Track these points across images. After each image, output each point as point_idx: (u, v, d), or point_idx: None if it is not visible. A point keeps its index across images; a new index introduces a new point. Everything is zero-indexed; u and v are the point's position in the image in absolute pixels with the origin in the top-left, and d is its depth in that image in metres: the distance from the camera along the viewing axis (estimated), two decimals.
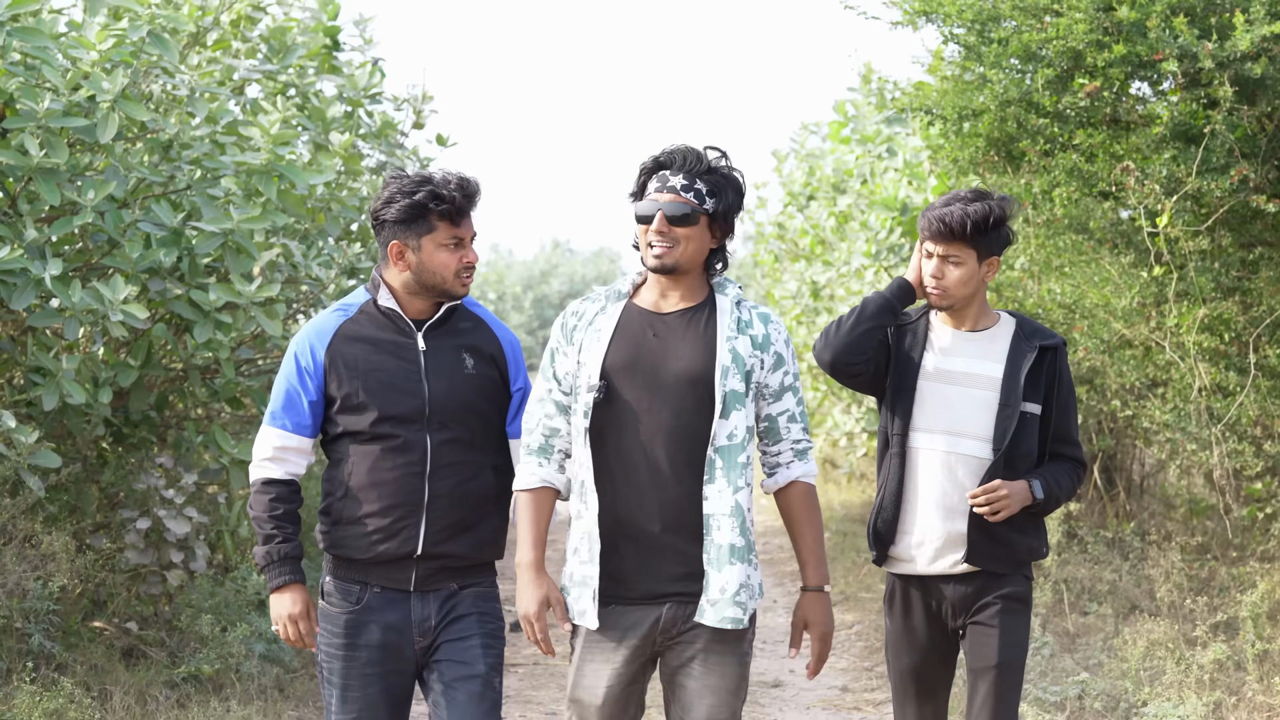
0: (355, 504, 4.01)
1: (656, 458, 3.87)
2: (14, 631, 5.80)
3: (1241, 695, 6.07)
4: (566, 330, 4.06)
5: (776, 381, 4.02)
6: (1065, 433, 4.37)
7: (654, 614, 3.90)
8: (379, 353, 4.07)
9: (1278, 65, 6.70)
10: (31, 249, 6.28)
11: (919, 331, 4.40)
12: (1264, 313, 7.42)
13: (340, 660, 4.02)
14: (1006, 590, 4.28)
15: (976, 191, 4.32)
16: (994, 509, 4.17)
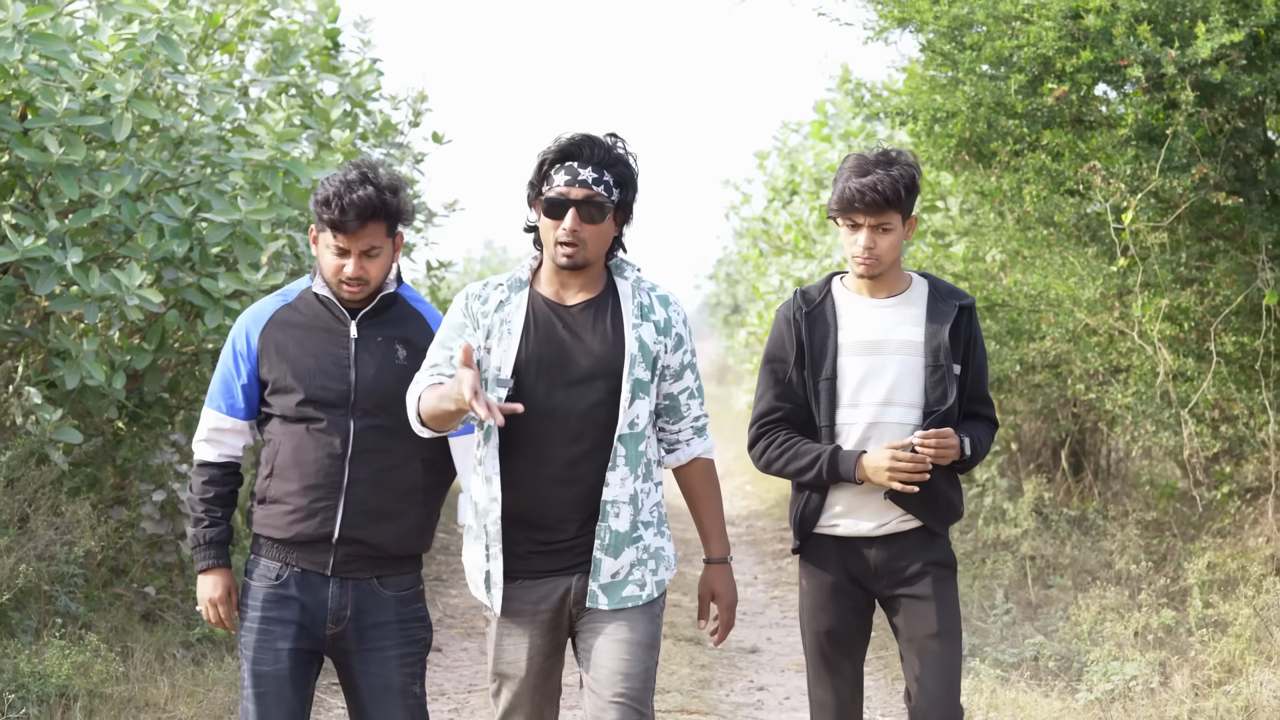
0: (278, 483, 4.03)
1: (564, 451, 3.85)
2: (42, 594, 6.15)
3: (1185, 655, 6.46)
4: (471, 313, 3.96)
5: (677, 362, 4.00)
6: (980, 392, 4.35)
7: (564, 584, 3.90)
8: (310, 338, 4.08)
9: (1236, 70, 7.07)
10: (53, 239, 6.61)
11: (827, 311, 4.32)
12: (1221, 303, 7.80)
13: (255, 634, 4.02)
14: (933, 557, 4.25)
15: (884, 154, 4.28)
16: (939, 455, 4.13)
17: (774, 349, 4.36)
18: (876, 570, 4.25)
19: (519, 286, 3.97)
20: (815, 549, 4.30)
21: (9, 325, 6.85)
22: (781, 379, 4.31)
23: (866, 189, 4.17)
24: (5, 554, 5.92)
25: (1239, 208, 7.56)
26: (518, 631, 3.91)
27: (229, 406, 4.12)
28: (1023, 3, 7.20)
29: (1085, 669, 6.46)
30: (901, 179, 4.21)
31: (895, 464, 4.12)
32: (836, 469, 4.19)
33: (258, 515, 4.09)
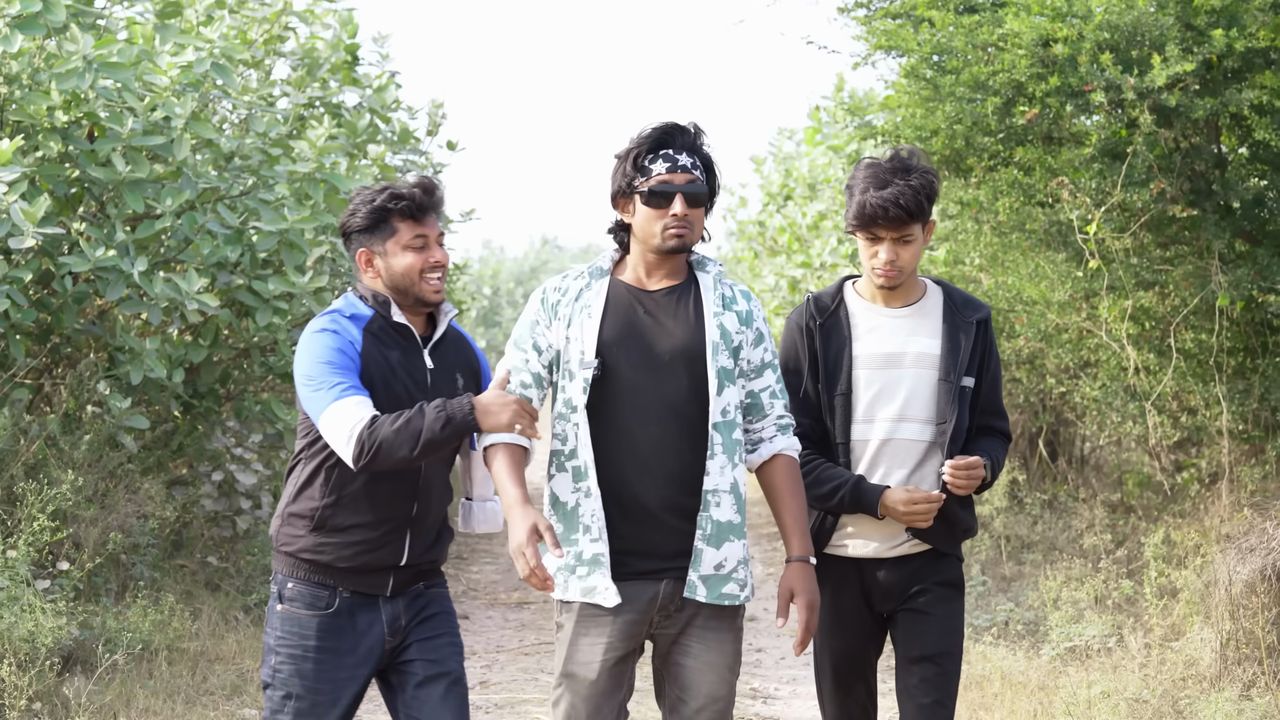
0: (346, 514, 3.89)
1: (653, 435, 3.81)
2: (120, 561, 6.91)
3: (1140, 619, 7.21)
4: (549, 305, 3.94)
5: (758, 358, 3.96)
6: (994, 405, 4.27)
7: (651, 589, 3.83)
8: (398, 368, 3.96)
9: (1190, 95, 7.81)
10: (120, 249, 7.34)
11: (841, 321, 4.23)
12: (1180, 304, 8.55)
13: (311, 664, 3.88)
14: (943, 576, 4.19)
15: (899, 162, 4.14)
16: (967, 486, 4.07)
17: (787, 359, 4.25)
18: (886, 590, 4.18)
19: (600, 274, 3.95)
20: (826, 569, 4.16)
21: (80, 325, 7.58)
22: (796, 391, 4.19)
23: (889, 204, 4.04)
24: (92, 525, 6.67)
25: (1194, 218, 8.30)
26: (596, 630, 3.82)
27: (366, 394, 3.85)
28: (998, 32, 7.93)
29: (1049, 631, 7.22)
30: (923, 189, 4.10)
31: (912, 512, 4.08)
32: (859, 502, 4.11)
33: (309, 540, 3.91)
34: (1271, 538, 6.51)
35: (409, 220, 3.97)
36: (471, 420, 3.78)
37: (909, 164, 4.13)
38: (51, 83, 7.18)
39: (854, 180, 4.16)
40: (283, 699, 3.90)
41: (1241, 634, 6.35)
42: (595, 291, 3.92)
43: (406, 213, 3.97)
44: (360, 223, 3.99)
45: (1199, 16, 7.71)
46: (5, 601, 5.61)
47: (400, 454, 3.76)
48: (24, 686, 5.22)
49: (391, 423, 3.77)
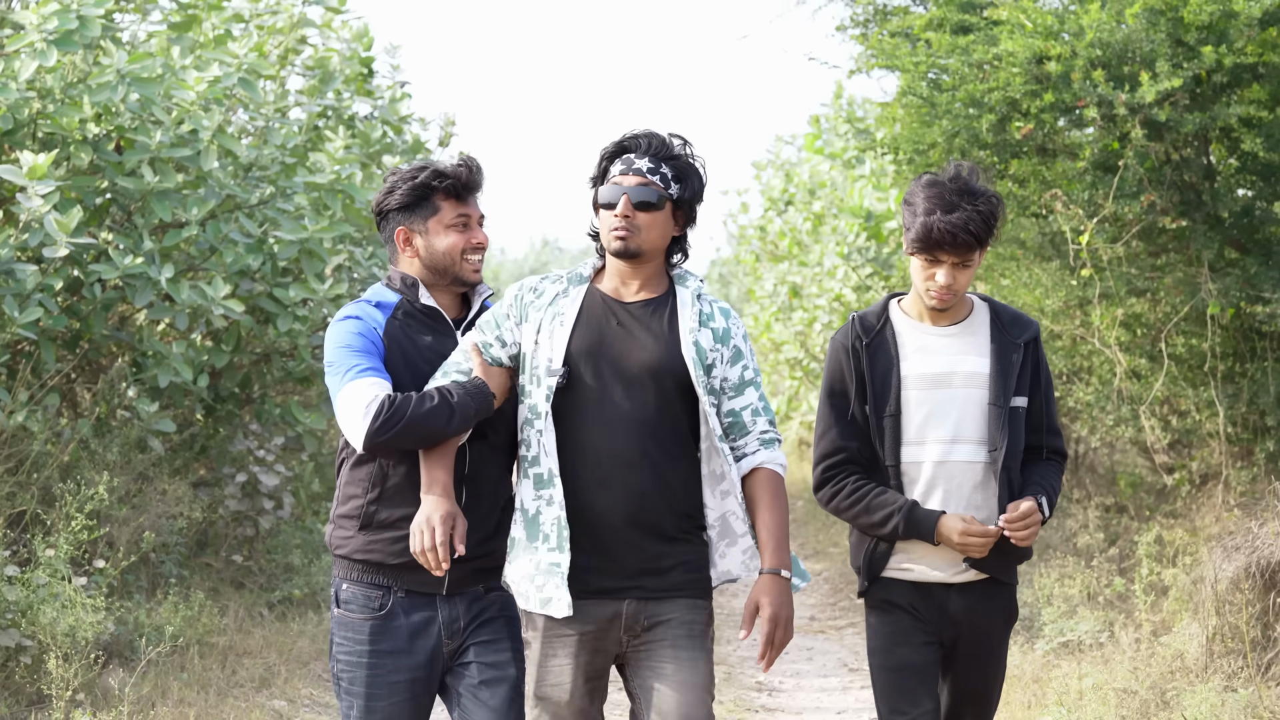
0: (390, 508, 3.84)
1: (618, 449, 3.75)
2: (149, 560, 7.20)
3: (1131, 615, 7.50)
4: (521, 304, 3.88)
5: (736, 375, 3.89)
6: (1049, 423, 4.17)
7: (613, 608, 3.78)
8: (428, 352, 3.91)
9: (1179, 110, 8.09)
10: (148, 257, 7.61)
11: (888, 341, 4.14)
12: (1170, 311, 8.84)
13: (365, 669, 3.83)
14: (1003, 611, 4.15)
15: (963, 183, 4.03)
16: (1028, 535, 3.98)
17: (834, 381, 4.16)
18: (952, 619, 4.09)
19: (579, 281, 3.91)
20: (884, 589, 4.12)
21: (107, 331, 7.85)
22: (844, 414, 4.11)
23: (958, 230, 3.94)
24: (124, 524, 6.95)
25: (1184, 228, 8.58)
26: (563, 650, 3.78)
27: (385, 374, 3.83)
28: (993, 51, 8.21)
29: (1043, 626, 7.50)
30: (991, 215, 4.01)
31: (967, 543, 3.99)
32: (913, 529, 4.02)
33: (359, 541, 3.87)
34: (1256, 536, 6.79)
35: (452, 199, 3.91)
36: (491, 402, 3.81)
37: (973, 186, 4.00)
38: (84, 96, 7.45)
39: (914, 198, 4.05)
40: (348, 707, 3.85)
41: (1227, 628, 6.63)
42: (571, 299, 3.87)
43: (450, 191, 3.91)
44: (400, 200, 3.91)
45: (1189, 33, 7.99)
46: (47, 598, 5.88)
47: (431, 432, 3.72)
48: (69, 678, 5.50)
49: (418, 404, 3.72)
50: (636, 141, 3.87)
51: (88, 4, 7.41)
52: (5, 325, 6.99)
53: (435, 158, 12.10)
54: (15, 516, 6.68)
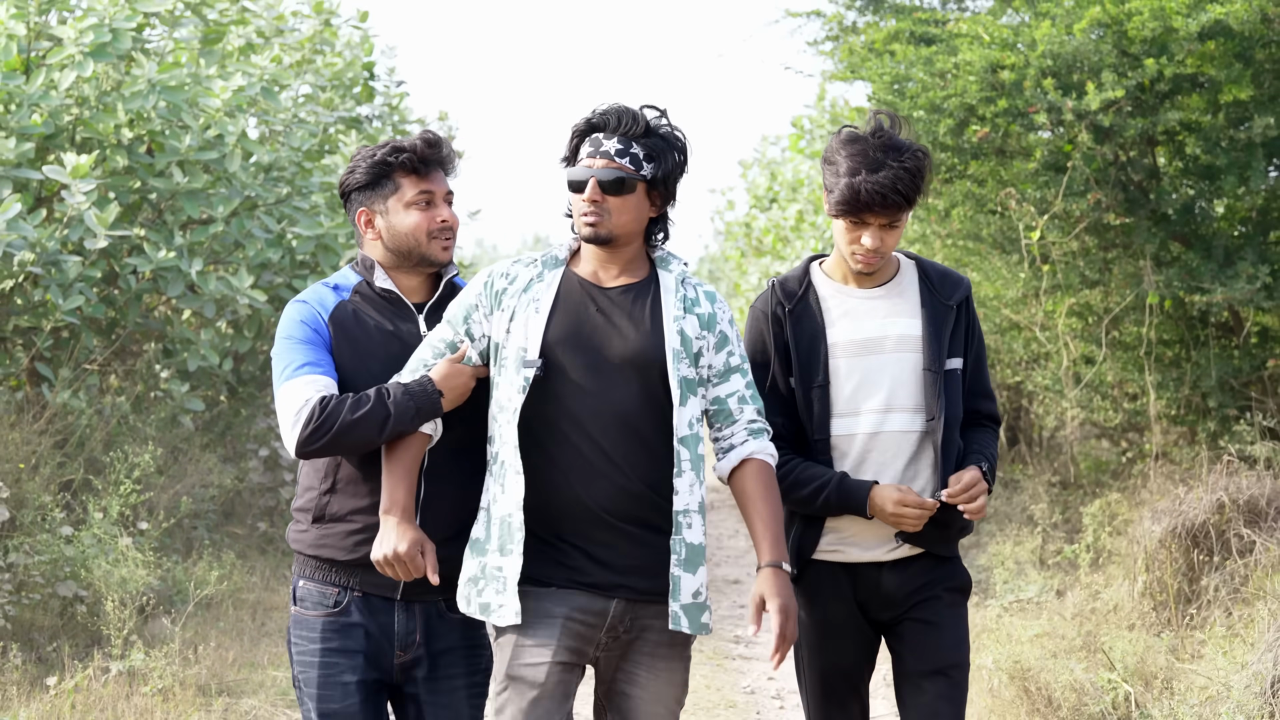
0: (342, 500, 3.63)
1: (599, 444, 3.52)
2: (183, 525, 7.93)
3: (1077, 578, 8.24)
4: (492, 291, 3.63)
5: (721, 362, 3.66)
6: (982, 385, 3.95)
7: (602, 604, 3.54)
8: (380, 336, 3.67)
9: (1123, 116, 8.83)
10: (179, 251, 8.33)
11: (812, 307, 3.87)
12: (1117, 301, 9.58)
13: (316, 669, 3.62)
14: (948, 582, 3.86)
15: (887, 139, 3.76)
16: (978, 505, 3.73)
17: (754, 352, 3.90)
18: (888, 598, 3.85)
19: (554, 265, 3.66)
20: (816, 578, 3.87)
21: (140, 320, 8.57)
22: (762, 385, 3.84)
23: (886, 190, 3.69)
24: (163, 491, 7.68)
25: (1128, 224, 9.33)
26: (544, 631, 3.52)
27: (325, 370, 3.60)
28: (951, 61, 8.95)
29: (995, 586, 8.25)
30: (919, 172, 3.74)
31: (901, 514, 3.75)
32: (845, 502, 3.77)
33: (312, 535, 3.66)
34: (1183, 501, 7.53)
35: (412, 175, 3.69)
36: (439, 403, 3.55)
37: (898, 141, 3.76)
38: (118, 104, 8.16)
39: (835, 155, 3.78)
40: (306, 711, 3.66)
41: (1155, 583, 7.38)
42: (546, 284, 3.62)
43: (409, 167, 3.68)
44: (360, 179, 3.69)
45: (1133, 46, 8.74)
46: (100, 554, 6.62)
47: (363, 441, 3.51)
48: (125, 619, 6.23)
49: (352, 409, 3.50)
50: (605, 120, 3.62)
51: (120, 19, 8.12)
52: (50, 312, 7.71)
53: None
54: (65, 484, 7.41)
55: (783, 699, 7.06)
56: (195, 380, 8.67)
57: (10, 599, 6.31)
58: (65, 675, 5.92)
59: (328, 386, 3.56)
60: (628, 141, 3.60)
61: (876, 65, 9.16)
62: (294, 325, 3.64)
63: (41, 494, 6.89)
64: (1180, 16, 8.49)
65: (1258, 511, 7.39)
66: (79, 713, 5.53)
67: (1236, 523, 7.34)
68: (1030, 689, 6.18)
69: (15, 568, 6.46)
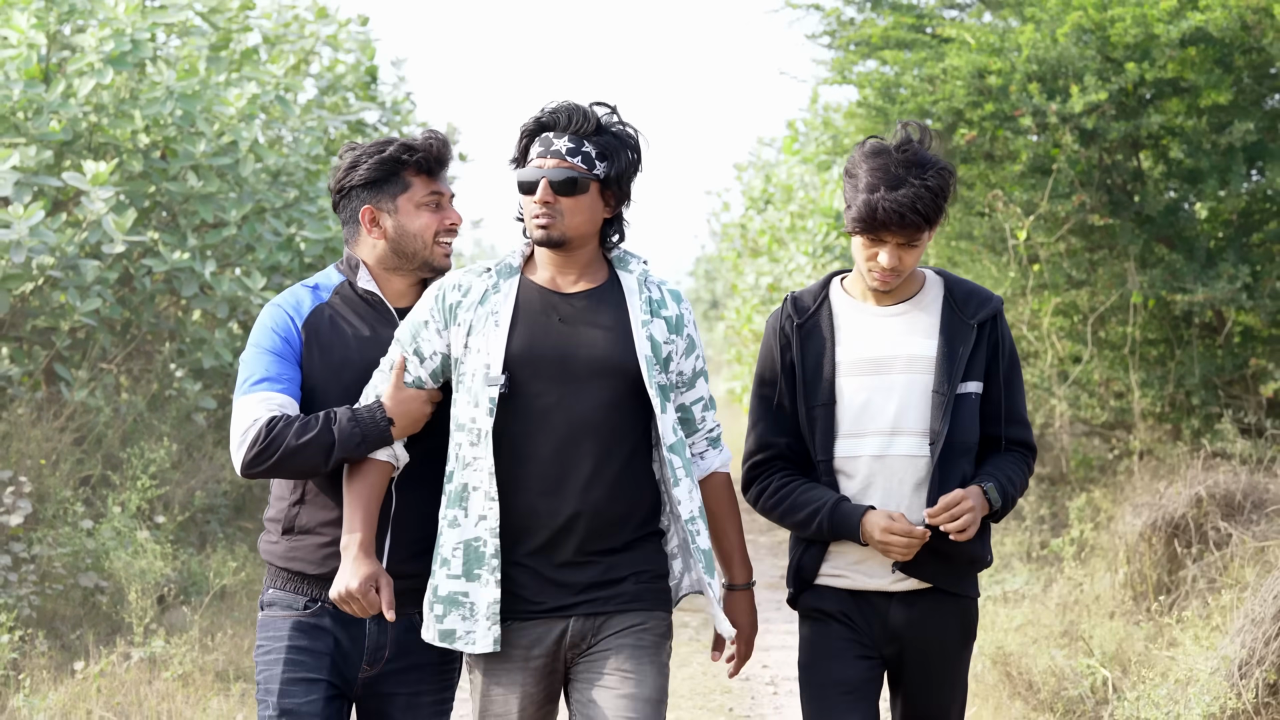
0: (312, 511, 3.51)
1: (567, 459, 3.38)
2: (196, 520, 8.20)
3: (1061, 570, 8.51)
4: (445, 305, 3.46)
5: (689, 368, 3.57)
6: (1014, 411, 3.71)
7: (559, 627, 3.42)
8: (356, 342, 3.54)
9: (1106, 119, 9.10)
10: (192, 253, 8.60)
11: (823, 322, 3.71)
12: (1103, 300, 9.85)
13: (281, 664, 3.48)
14: (957, 626, 3.68)
15: (912, 154, 3.57)
16: (961, 524, 3.48)
17: (764, 369, 3.76)
18: (893, 633, 3.67)
19: (509, 273, 3.49)
20: (817, 598, 3.70)
21: (154, 320, 8.83)
22: (772, 406, 3.71)
23: (905, 209, 3.51)
24: (178, 487, 7.95)
25: (1112, 226, 9.60)
26: (507, 678, 3.41)
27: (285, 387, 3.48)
28: (939, 67, 9.22)
29: (981, 580, 8.53)
30: (941, 191, 3.55)
31: (888, 542, 3.54)
32: (839, 528, 3.59)
33: (282, 547, 3.55)
34: (1163, 495, 7.80)
35: (424, 175, 3.59)
36: (387, 431, 3.42)
37: (924, 156, 3.57)
38: (135, 111, 8.43)
39: (857, 169, 3.60)
40: (264, 711, 3.52)
41: (1136, 575, 7.65)
42: (504, 294, 3.46)
43: (422, 166, 3.58)
44: (366, 176, 3.55)
45: (1116, 51, 9.01)
46: (119, 546, 6.89)
47: (307, 467, 3.40)
48: (147, 608, 6.50)
49: (297, 434, 3.38)
50: (555, 118, 3.48)
51: (140, 28, 8.39)
52: (68, 313, 7.98)
53: None
54: (84, 479, 7.69)
55: (776, 685, 7.34)
56: (208, 379, 8.94)
57: (35, 589, 6.58)
58: (90, 661, 6.19)
59: (281, 406, 3.44)
60: (579, 140, 3.46)
61: (866, 70, 9.43)
62: (264, 332, 3.53)
63: (62, 489, 7.17)
64: (1161, 23, 8.77)
65: (1234, 505, 7.67)
66: (104, 696, 5.81)
67: (1214, 516, 7.62)
68: (1012, 673, 6.46)
69: (39, 559, 6.74)
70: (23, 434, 7.29)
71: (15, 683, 5.93)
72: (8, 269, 7.51)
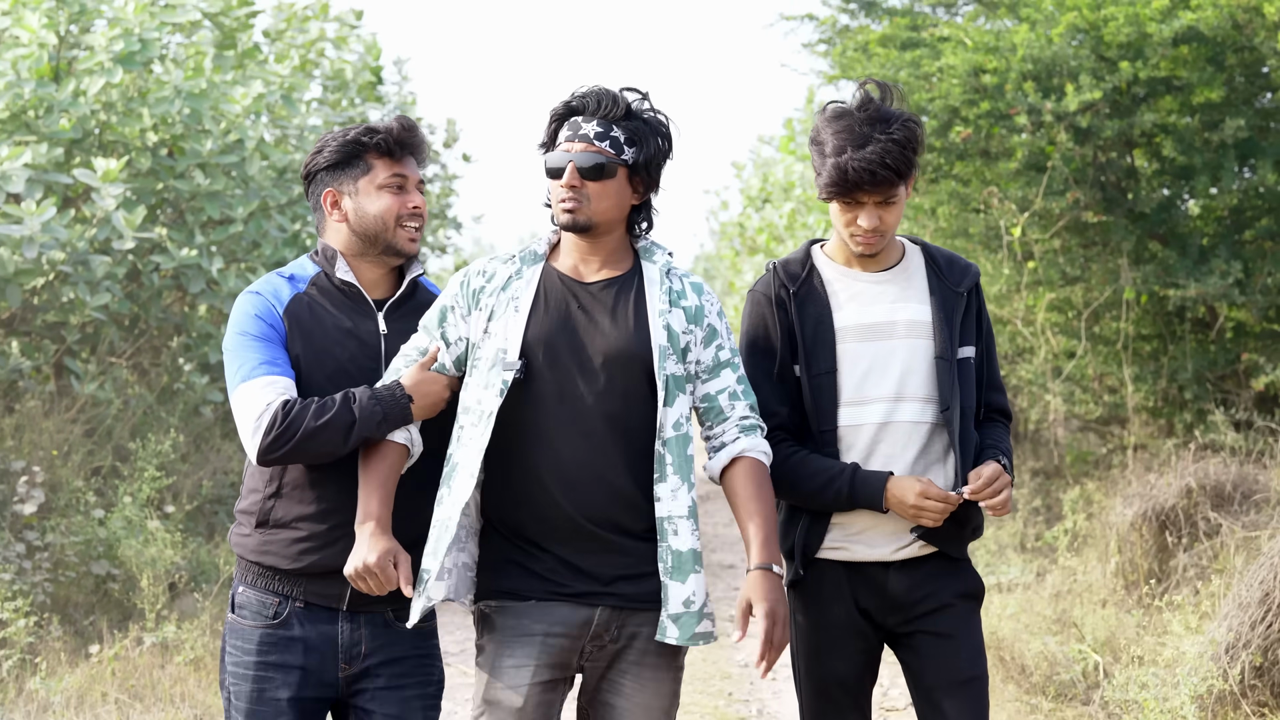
0: (288, 505, 3.43)
1: (582, 447, 3.35)
2: (203, 510, 8.35)
3: (1055, 561, 8.65)
4: (469, 290, 3.46)
5: (710, 357, 3.48)
6: (994, 377, 3.74)
7: (584, 614, 3.37)
8: (336, 333, 3.49)
9: (1100, 118, 9.24)
10: (200, 249, 8.73)
11: (817, 289, 3.65)
12: (1097, 296, 10.00)
13: (250, 681, 3.43)
14: (961, 588, 3.62)
15: (874, 110, 3.53)
16: (1003, 500, 3.48)
17: (756, 336, 3.68)
18: (894, 601, 3.60)
19: (533, 260, 3.48)
20: (818, 579, 3.63)
21: (161, 315, 8.97)
22: (771, 374, 3.64)
23: (875, 166, 3.45)
24: (187, 477, 8.09)
25: (1106, 223, 9.74)
26: (522, 651, 3.35)
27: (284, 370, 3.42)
28: (936, 65, 9.36)
29: (977, 569, 8.69)
30: (908, 142, 3.49)
31: (923, 507, 3.49)
32: (858, 494, 3.53)
33: (255, 541, 3.47)
34: (1153, 486, 7.95)
35: (385, 158, 3.52)
36: (408, 409, 3.39)
37: (887, 111, 3.54)
38: (143, 109, 8.56)
39: (821, 135, 3.55)
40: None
41: (1127, 564, 7.80)
42: (526, 280, 3.45)
43: (383, 149, 3.52)
44: (329, 159, 3.52)
45: (1109, 50, 9.15)
46: (129, 535, 7.03)
47: (327, 449, 3.35)
48: (159, 593, 6.65)
49: (316, 415, 3.34)
50: (585, 102, 3.45)
51: (148, 28, 8.53)
52: (79, 308, 8.12)
53: (443, 159, 13.27)
54: (94, 470, 7.83)
55: (775, 672, 7.48)
56: (215, 373, 9.08)
57: (48, 576, 6.72)
58: (104, 646, 6.34)
59: (288, 389, 3.38)
60: (608, 125, 3.43)
61: (864, 68, 9.57)
62: (248, 319, 3.45)
63: (74, 479, 7.31)
64: (1154, 22, 8.92)
65: (1224, 496, 7.82)
66: (119, 679, 5.95)
67: (1204, 506, 7.77)
68: (1005, 658, 6.60)
69: (52, 547, 6.88)
70: (35, 425, 7.44)
71: (32, 666, 6.06)
72: (20, 264, 7.65)
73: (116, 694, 5.86)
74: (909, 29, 9.74)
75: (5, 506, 6.90)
